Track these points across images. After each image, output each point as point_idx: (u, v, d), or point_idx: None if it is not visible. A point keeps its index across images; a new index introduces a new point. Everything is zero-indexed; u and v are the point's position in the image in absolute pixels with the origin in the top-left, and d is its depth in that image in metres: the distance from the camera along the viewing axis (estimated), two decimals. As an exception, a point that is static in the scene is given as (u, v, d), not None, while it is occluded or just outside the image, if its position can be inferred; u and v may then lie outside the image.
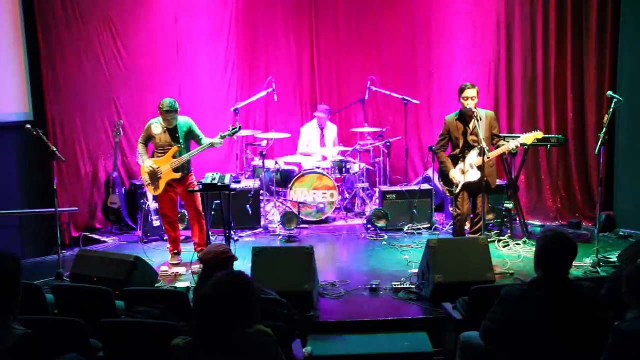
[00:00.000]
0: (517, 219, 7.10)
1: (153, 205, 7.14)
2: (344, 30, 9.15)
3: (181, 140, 6.24)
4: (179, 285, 5.59)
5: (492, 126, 6.29)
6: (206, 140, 6.28)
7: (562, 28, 7.72)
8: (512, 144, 6.19)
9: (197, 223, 6.37)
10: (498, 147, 6.26)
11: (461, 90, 6.18)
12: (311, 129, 8.54)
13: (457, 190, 6.30)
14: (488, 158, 6.01)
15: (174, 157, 6.19)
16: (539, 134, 6.41)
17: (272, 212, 7.91)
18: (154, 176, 6.21)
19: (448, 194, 6.51)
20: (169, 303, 4.05)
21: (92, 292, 4.34)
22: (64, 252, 6.42)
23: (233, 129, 6.31)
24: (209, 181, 5.80)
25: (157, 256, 6.62)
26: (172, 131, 6.24)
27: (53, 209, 6.15)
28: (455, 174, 6.26)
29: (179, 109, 6.24)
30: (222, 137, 6.27)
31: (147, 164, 6.20)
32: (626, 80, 7.27)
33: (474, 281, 4.74)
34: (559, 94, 7.81)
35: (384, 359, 4.66)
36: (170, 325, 3.47)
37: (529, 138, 6.29)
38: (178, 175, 6.23)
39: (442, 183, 6.52)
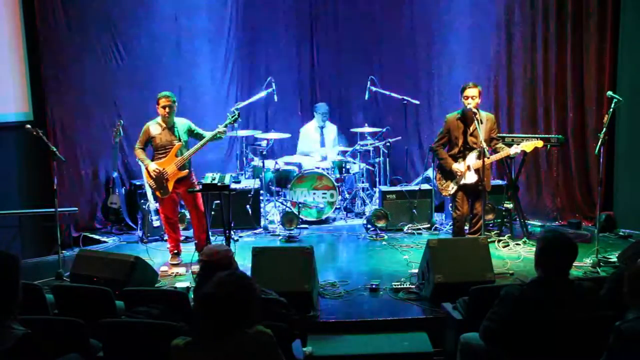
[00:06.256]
0: (517, 219, 7.10)
1: (153, 205, 7.13)
2: (344, 30, 9.16)
3: (182, 137, 6.24)
4: (179, 285, 5.58)
5: (491, 129, 6.28)
6: (208, 134, 6.27)
7: (562, 28, 7.71)
8: (512, 150, 6.19)
9: (198, 223, 6.37)
10: (495, 150, 6.26)
11: (462, 89, 6.16)
12: (310, 128, 8.54)
13: (452, 191, 6.29)
14: (488, 159, 6.01)
15: (176, 155, 6.18)
16: (539, 143, 6.44)
17: (272, 212, 7.90)
18: (161, 179, 6.17)
19: (444, 193, 6.48)
20: (169, 303, 4.05)
21: (92, 292, 4.34)
22: (64, 252, 6.41)
23: (232, 116, 6.32)
24: (209, 181, 5.80)
25: (157, 256, 6.61)
26: (171, 129, 6.24)
27: (53, 209, 6.15)
28: (458, 166, 6.24)
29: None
30: (225, 126, 6.26)
31: (152, 167, 6.16)
32: (626, 80, 7.27)
33: (474, 281, 4.74)
34: (559, 94, 7.81)
35: (384, 359, 4.66)
36: (170, 325, 3.47)
37: (528, 146, 6.30)
38: (185, 173, 6.22)
39: (439, 181, 6.46)
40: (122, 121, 7.79)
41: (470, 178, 6.19)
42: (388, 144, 8.06)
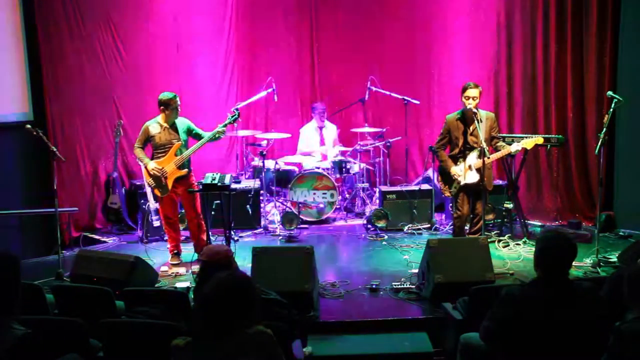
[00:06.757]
0: (517, 219, 7.10)
1: (153, 205, 7.13)
2: (344, 30, 9.15)
3: (181, 136, 6.24)
4: (179, 285, 5.59)
5: (492, 128, 6.27)
6: (208, 134, 6.27)
7: (562, 28, 7.71)
8: (513, 148, 6.18)
9: (196, 224, 6.37)
10: (497, 148, 6.25)
11: (464, 89, 6.15)
12: (310, 129, 8.54)
13: (455, 191, 6.28)
14: (488, 158, 6.00)
15: (175, 154, 6.18)
16: (539, 139, 6.42)
17: (272, 212, 7.91)
18: (159, 178, 6.17)
19: (445, 194, 6.48)
20: (169, 303, 4.06)
21: (92, 292, 4.34)
22: (64, 252, 6.41)
23: (232, 117, 6.33)
24: (209, 181, 5.80)
25: (157, 256, 6.61)
26: (171, 128, 6.24)
27: (53, 209, 6.15)
28: (456, 169, 6.23)
29: None
30: (224, 126, 6.27)
31: (150, 166, 6.16)
32: (626, 80, 7.27)
33: (474, 281, 4.75)
34: (559, 94, 7.81)
35: (384, 359, 4.66)
36: (170, 325, 3.47)
37: (529, 143, 6.29)
38: (184, 172, 6.21)
39: (440, 182, 6.48)
40: (122, 121, 7.79)
41: (472, 177, 6.18)
42: (388, 144, 8.06)
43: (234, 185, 6.09)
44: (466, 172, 6.20)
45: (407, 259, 6.39)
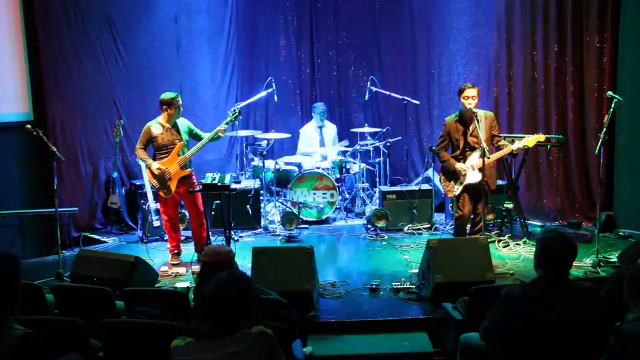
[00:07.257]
0: (517, 219, 7.10)
1: (153, 205, 7.13)
2: (344, 30, 9.16)
3: (183, 137, 6.24)
4: (179, 285, 5.59)
5: (491, 127, 6.27)
6: (209, 133, 6.27)
7: (562, 28, 7.71)
8: (514, 146, 6.17)
9: (198, 223, 6.37)
10: (498, 147, 6.25)
11: (461, 90, 6.15)
12: (310, 129, 8.54)
13: (458, 192, 6.27)
14: (488, 158, 5.99)
15: (178, 154, 6.18)
16: (541, 137, 6.40)
17: (272, 212, 7.91)
18: (163, 178, 6.16)
19: (450, 195, 6.46)
20: (169, 303, 4.06)
21: (92, 292, 4.34)
22: (64, 252, 6.41)
23: (233, 114, 6.33)
24: (209, 181, 5.80)
25: (157, 256, 6.61)
26: (173, 128, 6.24)
27: (53, 209, 6.15)
28: (461, 165, 6.21)
29: None
30: (226, 123, 6.27)
31: (154, 166, 6.15)
32: (626, 80, 7.27)
33: (474, 281, 4.74)
34: (559, 94, 7.81)
35: (384, 359, 4.66)
36: (170, 325, 3.47)
37: (531, 141, 6.27)
38: (187, 172, 6.22)
39: (444, 183, 6.44)
40: (122, 121, 7.79)
41: (474, 177, 6.16)
42: (388, 144, 8.07)
43: (234, 185, 6.08)
44: (467, 172, 6.20)
45: (407, 259, 6.38)
